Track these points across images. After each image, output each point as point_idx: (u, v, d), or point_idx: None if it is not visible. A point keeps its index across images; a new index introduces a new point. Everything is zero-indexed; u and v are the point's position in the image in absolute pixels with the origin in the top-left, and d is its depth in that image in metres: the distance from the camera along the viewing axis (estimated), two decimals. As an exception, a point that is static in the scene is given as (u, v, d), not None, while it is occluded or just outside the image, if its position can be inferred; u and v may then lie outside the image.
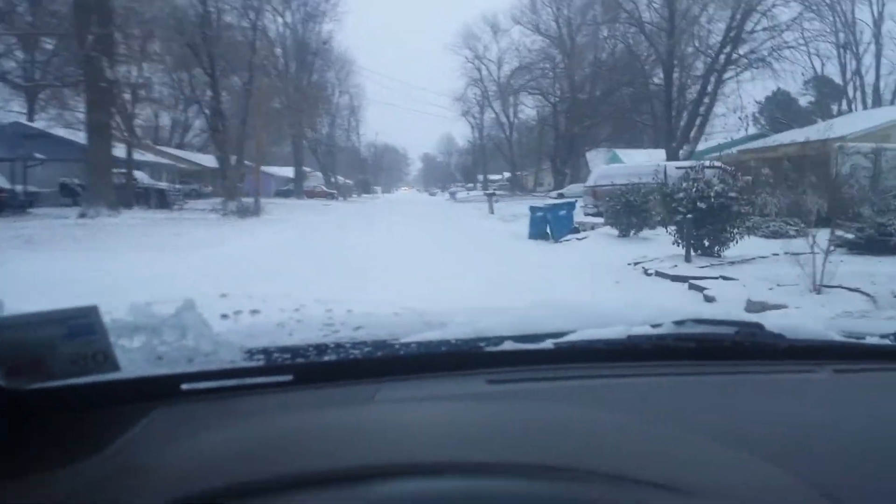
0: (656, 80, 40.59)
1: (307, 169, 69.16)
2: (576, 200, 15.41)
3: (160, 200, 25.35)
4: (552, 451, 0.71)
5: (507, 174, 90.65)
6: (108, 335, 0.88)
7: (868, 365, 1.24)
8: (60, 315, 0.84)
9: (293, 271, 8.59)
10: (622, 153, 39.60)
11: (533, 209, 14.99)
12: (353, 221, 22.11)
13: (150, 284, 7.15)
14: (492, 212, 28.68)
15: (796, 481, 0.70)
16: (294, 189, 48.95)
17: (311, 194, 53.91)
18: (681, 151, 27.52)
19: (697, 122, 28.75)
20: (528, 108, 62.80)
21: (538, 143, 68.47)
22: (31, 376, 0.85)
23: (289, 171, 59.96)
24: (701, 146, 27.83)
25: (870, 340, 1.31)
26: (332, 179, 63.18)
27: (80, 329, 0.85)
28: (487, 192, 31.99)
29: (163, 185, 25.90)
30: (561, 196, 51.16)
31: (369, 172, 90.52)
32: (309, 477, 0.64)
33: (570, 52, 52.68)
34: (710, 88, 28.07)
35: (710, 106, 28.42)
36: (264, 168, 63.15)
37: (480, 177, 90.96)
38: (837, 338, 1.28)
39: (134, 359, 0.97)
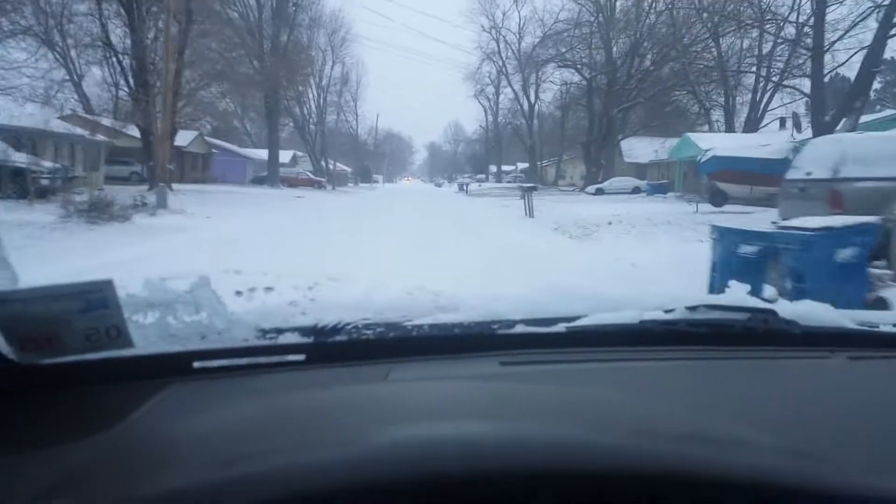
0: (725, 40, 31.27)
1: (299, 153, 59.99)
2: (878, 222, 5.57)
3: (20, 186, 16.09)
4: (563, 427, 0.72)
5: (521, 165, 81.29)
6: (122, 310, 0.86)
7: (884, 352, 1.22)
8: (75, 289, 0.82)
9: None
10: (698, 138, 29.97)
11: (732, 235, 5.58)
12: (315, 230, 12.90)
13: None
14: (530, 214, 19.40)
15: (812, 466, 0.70)
16: (268, 176, 39.46)
17: (295, 182, 44.74)
18: (837, 126, 18.03)
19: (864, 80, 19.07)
20: (555, 85, 53.09)
21: (561, 128, 59.18)
22: (44, 350, 0.84)
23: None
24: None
25: (884, 328, 1.30)
26: (324, 165, 53.68)
27: (94, 303, 0.83)
28: (524, 184, 22.63)
29: (21, 162, 16.53)
30: (600, 191, 41.94)
31: (370, 160, 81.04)
32: (315, 458, 0.61)
33: (608, 16, 43.16)
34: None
35: (878, 57, 18.78)
36: (240, 150, 53.90)
37: (493, 168, 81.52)
38: (851, 325, 1.26)
39: (147, 335, 0.96)
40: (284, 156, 57.89)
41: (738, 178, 18.91)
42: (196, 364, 0.96)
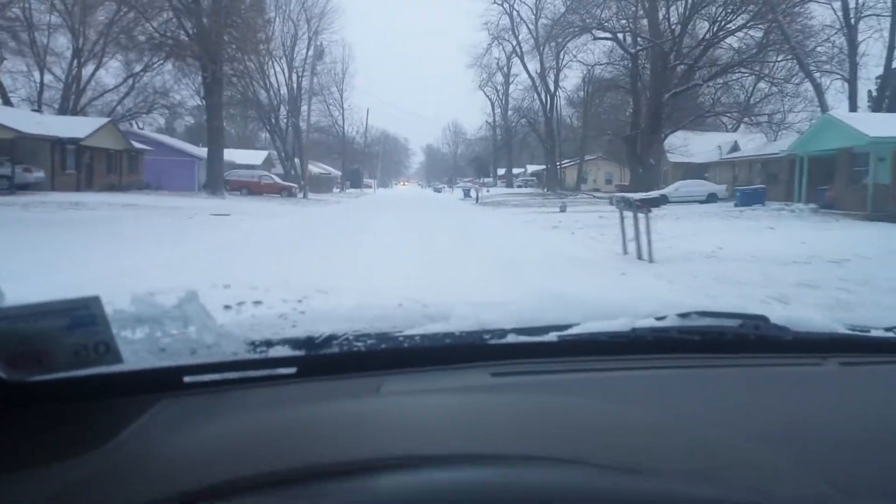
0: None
1: (275, 154, 49.84)
2: None
3: None
4: (556, 441, 0.73)
5: (531, 167, 71.01)
6: (111, 326, 0.88)
7: (874, 358, 1.22)
8: (62, 306, 0.84)
9: None
10: (854, 119, 19.73)
11: None
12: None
13: None
14: (648, 256, 9.25)
15: (803, 473, 0.70)
16: (208, 180, 28.99)
17: (257, 188, 34.54)
18: None
19: None
20: (586, 66, 42.81)
21: (584, 121, 49.22)
22: (33, 368, 0.84)
23: (242, 156, 40.67)
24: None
25: (875, 333, 1.28)
26: (299, 167, 43.32)
27: (82, 320, 0.84)
28: (628, 194, 12.35)
29: None
30: (663, 199, 31.78)
31: (360, 162, 70.79)
32: (313, 470, 0.64)
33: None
34: None
35: None
36: (187, 147, 43.13)
37: (500, 170, 71.28)
38: (842, 330, 1.26)
39: (136, 350, 0.97)
40: (257, 156, 47.73)
41: None
42: (186, 379, 0.95)
